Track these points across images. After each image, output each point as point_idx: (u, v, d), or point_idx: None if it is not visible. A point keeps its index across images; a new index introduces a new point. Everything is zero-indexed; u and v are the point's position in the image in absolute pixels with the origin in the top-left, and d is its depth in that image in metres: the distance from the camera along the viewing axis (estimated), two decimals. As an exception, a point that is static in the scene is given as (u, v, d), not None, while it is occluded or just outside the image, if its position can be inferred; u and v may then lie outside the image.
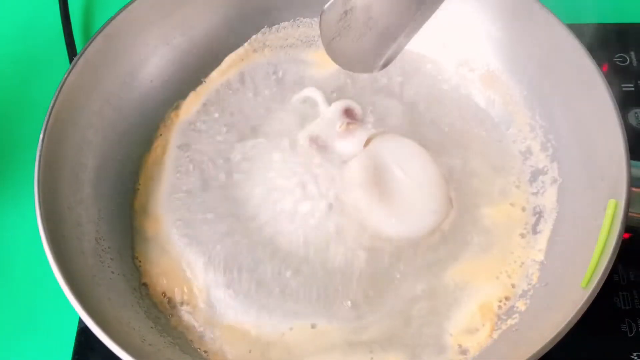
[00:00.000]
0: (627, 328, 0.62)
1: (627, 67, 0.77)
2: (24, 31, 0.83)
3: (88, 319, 0.50)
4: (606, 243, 0.53)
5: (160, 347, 0.55)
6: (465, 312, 0.58)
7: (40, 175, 0.56)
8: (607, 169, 0.56)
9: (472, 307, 0.59)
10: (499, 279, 0.60)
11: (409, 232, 0.61)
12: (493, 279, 0.60)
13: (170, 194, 0.65)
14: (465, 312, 0.58)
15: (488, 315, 0.58)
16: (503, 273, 0.60)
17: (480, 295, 0.59)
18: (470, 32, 0.70)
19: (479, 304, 0.59)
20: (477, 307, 0.59)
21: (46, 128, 0.58)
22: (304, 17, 0.73)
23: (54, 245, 0.53)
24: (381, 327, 0.58)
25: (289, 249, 0.61)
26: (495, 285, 0.60)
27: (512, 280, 0.60)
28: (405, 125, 0.68)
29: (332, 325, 0.58)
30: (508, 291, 0.59)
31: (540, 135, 0.65)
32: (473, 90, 0.70)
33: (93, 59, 0.63)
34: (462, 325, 0.58)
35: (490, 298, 0.59)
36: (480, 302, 0.59)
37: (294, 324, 0.58)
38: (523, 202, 0.64)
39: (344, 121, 0.66)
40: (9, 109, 0.77)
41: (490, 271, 0.60)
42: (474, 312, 0.58)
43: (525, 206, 0.63)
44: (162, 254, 0.62)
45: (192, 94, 0.70)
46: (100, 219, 0.61)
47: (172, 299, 0.60)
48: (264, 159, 0.66)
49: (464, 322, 0.58)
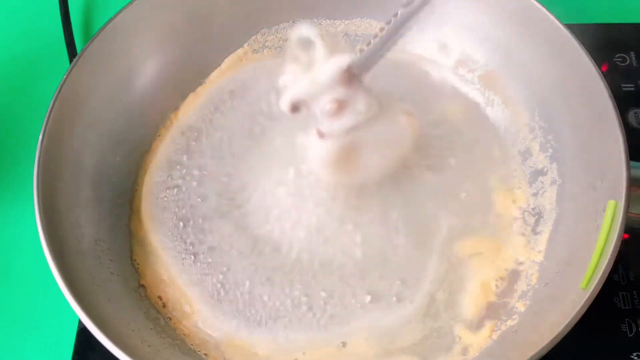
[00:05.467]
0: (627, 328, 0.62)
1: (627, 67, 0.77)
2: (24, 31, 0.83)
3: (87, 319, 0.50)
4: (606, 244, 0.53)
5: (159, 348, 0.55)
6: (470, 291, 0.59)
7: (40, 176, 0.56)
8: (607, 170, 0.56)
9: (475, 285, 0.59)
10: (495, 264, 0.61)
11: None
12: (489, 263, 0.61)
13: (166, 197, 0.64)
14: (469, 291, 0.59)
15: (487, 294, 0.59)
16: (499, 258, 0.61)
17: (479, 275, 0.60)
18: (470, 33, 0.70)
19: (480, 281, 0.60)
20: (479, 285, 0.59)
21: (45, 128, 0.58)
22: (304, 18, 0.73)
23: (53, 246, 0.53)
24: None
25: (289, 261, 0.61)
26: (492, 268, 0.60)
27: (505, 265, 0.61)
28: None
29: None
30: (501, 273, 0.60)
31: (539, 135, 0.65)
32: (472, 90, 0.70)
33: (93, 59, 0.63)
34: (469, 311, 0.58)
35: (488, 277, 0.60)
36: (481, 280, 0.60)
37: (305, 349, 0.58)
38: (522, 203, 0.64)
39: (338, 94, 0.54)
40: (9, 109, 0.76)
41: (488, 256, 0.61)
42: (477, 292, 0.59)
43: (525, 207, 0.63)
44: (156, 258, 0.62)
45: (192, 95, 0.70)
46: (100, 220, 0.61)
47: (166, 303, 0.60)
48: (264, 165, 0.66)
49: (470, 306, 0.59)
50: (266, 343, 0.58)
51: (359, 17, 0.73)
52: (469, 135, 0.68)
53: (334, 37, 0.73)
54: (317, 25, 0.73)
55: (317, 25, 0.73)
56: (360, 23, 0.73)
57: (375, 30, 0.72)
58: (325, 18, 0.73)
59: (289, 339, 0.58)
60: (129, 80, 0.67)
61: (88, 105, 0.63)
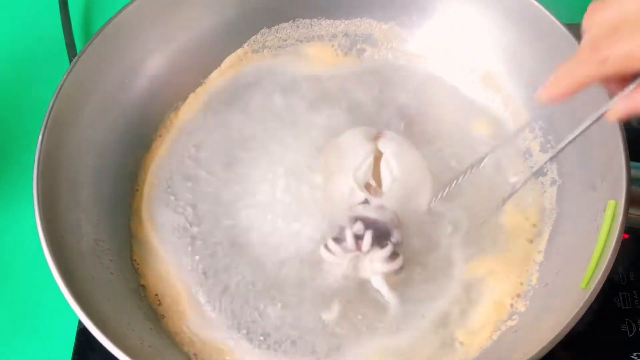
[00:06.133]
0: (627, 328, 0.62)
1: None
2: (24, 31, 0.83)
3: (86, 319, 0.50)
4: (606, 244, 0.52)
5: (159, 349, 0.55)
6: (480, 311, 0.58)
7: (39, 176, 0.56)
8: (607, 170, 0.56)
9: (488, 306, 0.59)
10: (509, 278, 0.60)
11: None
12: (504, 277, 0.60)
13: (167, 198, 0.64)
14: (479, 311, 0.58)
15: (502, 312, 0.58)
16: (512, 272, 0.60)
17: (493, 294, 0.59)
18: (471, 33, 0.69)
19: (493, 301, 0.59)
20: (492, 305, 0.59)
21: (45, 128, 0.58)
22: (303, 18, 0.73)
23: (53, 246, 0.53)
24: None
25: (293, 270, 0.60)
26: (506, 284, 0.60)
27: (520, 279, 0.60)
28: (404, 125, 0.67)
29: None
30: (518, 289, 0.59)
31: (539, 136, 0.65)
32: (473, 90, 0.70)
33: (93, 59, 0.63)
34: (472, 324, 0.58)
35: (503, 295, 0.59)
36: (494, 300, 0.59)
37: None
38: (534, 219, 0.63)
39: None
40: (9, 109, 0.76)
41: (501, 270, 0.60)
42: (488, 311, 0.58)
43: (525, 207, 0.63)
44: (156, 259, 0.62)
45: (192, 95, 0.70)
46: (100, 221, 0.61)
47: (165, 304, 0.60)
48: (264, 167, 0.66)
49: (476, 320, 0.58)
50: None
51: (359, 17, 0.73)
52: (469, 135, 0.67)
53: (334, 37, 0.73)
54: (317, 26, 0.73)
55: (317, 25, 0.73)
56: (360, 23, 0.73)
57: (375, 30, 0.73)
58: (325, 18, 0.73)
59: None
60: (129, 80, 0.67)
61: (88, 105, 0.63)
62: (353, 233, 0.57)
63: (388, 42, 0.73)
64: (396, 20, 0.73)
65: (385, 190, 0.61)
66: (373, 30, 0.73)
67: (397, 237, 0.58)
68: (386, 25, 0.73)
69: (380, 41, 0.73)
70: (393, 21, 0.73)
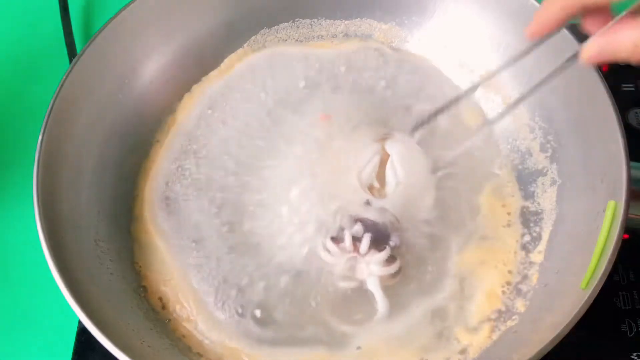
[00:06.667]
0: (627, 328, 0.62)
1: (627, 67, 0.77)
2: (24, 31, 0.83)
3: (86, 320, 0.50)
4: (605, 244, 0.52)
5: (159, 349, 0.55)
6: (475, 303, 0.59)
7: (40, 176, 0.56)
8: (607, 170, 0.56)
9: (480, 297, 0.59)
10: (497, 268, 0.60)
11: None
12: (492, 268, 0.60)
13: (167, 202, 0.64)
14: (475, 303, 0.59)
15: (495, 302, 0.59)
16: (500, 262, 0.61)
17: (485, 284, 0.60)
18: (470, 33, 0.70)
19: (485, 292, 0.59)
20: (484, 296, 0.59)
21: (45, 128, 0.58)
22: (303, 18, 0.73)
23: (53, 246, 0.53)
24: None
25: (294, 269, 0.60)
26: (494, 273, 0.60)
27: (507, 267, 0.60)
28: (405, 125, 0.67)
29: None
30: (507, 277, 0.60)
31: (539, 136, 0.65)
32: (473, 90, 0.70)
33: (93, 59, 0.63)
34: (471, 320, 0.58)
35: (494, 285, 0.59)
36: (486, 290, 0.59)
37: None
38: (513, 208, 0.64)
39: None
40: (9, 109, 0.76)
41: (489, 262, 0.61)
42: (482, 302, 0.59)
43: (518, 210, 0.63)
44: (159, 262, 0.62)
45: (190, 96, 0.70)
46: (99, 221, 0.61)
47: (166, 304, 0.60)
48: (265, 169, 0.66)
49: (474, 315, 0.58)
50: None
51: (359, 17, 0.73)
52: (468, 135, 0.67)
53: (334, 37, 0.73)
54: (317, 26, 0.73)
55: (317, 25, 0.73)
56: (360, 23, 0.73)
57: (375, 30, 0.73)
58: (325, 18, 0.73)
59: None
60: (129, 80, 0.67)
61: (88, 105, 0.63)
62: (352, 234, 0.58)
63: (388, 42, 0.73)
64: (396, 20, 0.73)
65: (388, 192, 0.61)
66: (373, 30, 0.73)
67: (395, 241, 0.58)
68: (386, 25, 0.73)
69: (380, 41, 0.73)
70: (393, 21, 0.73)
